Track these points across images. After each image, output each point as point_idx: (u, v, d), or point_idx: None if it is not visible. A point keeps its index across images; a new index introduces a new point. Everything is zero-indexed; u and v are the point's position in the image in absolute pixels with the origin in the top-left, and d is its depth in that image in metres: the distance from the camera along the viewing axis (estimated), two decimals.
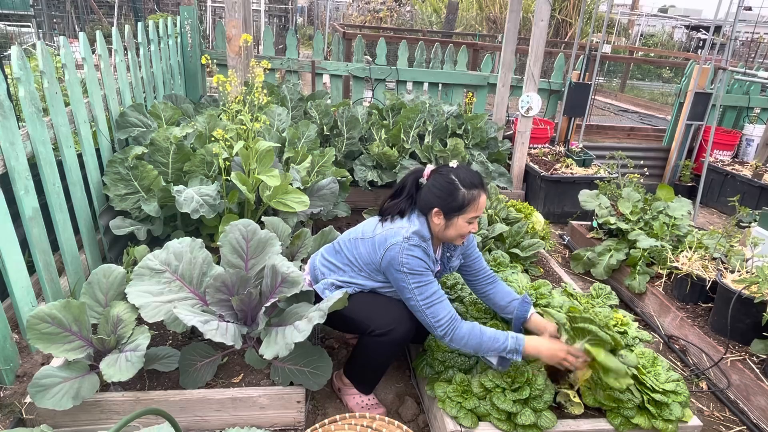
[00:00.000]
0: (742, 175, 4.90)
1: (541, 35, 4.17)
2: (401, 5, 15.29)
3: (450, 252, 2.09)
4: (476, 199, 1.85)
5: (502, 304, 2.11)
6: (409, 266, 1.81)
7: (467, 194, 1.84)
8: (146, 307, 1.89)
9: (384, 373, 2.08)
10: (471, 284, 2.20)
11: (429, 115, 4.25)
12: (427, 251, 1.86)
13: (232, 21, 3.88)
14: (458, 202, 1.84)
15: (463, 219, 1.87)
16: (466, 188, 1.84)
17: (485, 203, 1.90)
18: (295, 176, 2.89)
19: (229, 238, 2.11)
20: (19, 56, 2.02)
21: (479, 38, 11.08)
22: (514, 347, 1.81)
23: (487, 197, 1.89)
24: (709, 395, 2.45)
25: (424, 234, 1.87)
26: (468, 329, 1.83)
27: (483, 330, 1.84)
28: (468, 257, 2.14)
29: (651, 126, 7.08)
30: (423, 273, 1.83)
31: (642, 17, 18.53)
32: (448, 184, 1.86)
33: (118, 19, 10.63)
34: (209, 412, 1.92)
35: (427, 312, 1.82)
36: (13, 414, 1.93)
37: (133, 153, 2.70)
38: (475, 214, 1.87)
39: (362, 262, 1.96)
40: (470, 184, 1.85)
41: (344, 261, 2.02)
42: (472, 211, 1.86)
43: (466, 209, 1.85)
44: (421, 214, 1.93)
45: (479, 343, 1.82)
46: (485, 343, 1.81)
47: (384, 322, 1.89)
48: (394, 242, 1.83)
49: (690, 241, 3.09)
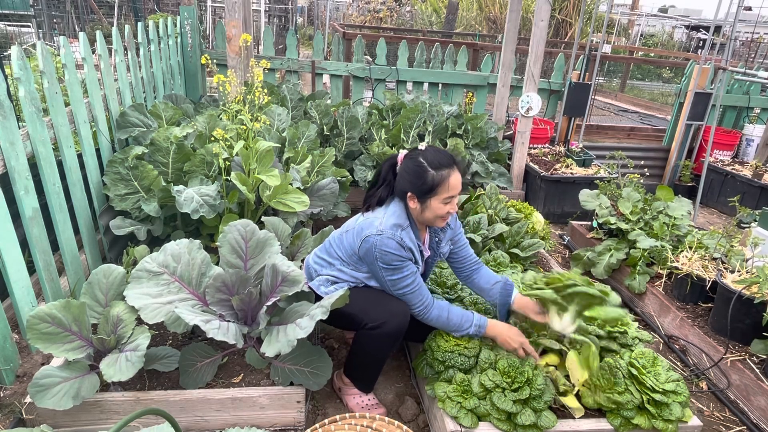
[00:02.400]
0: (742, 175, 4.90)
1: (541, 35, 4.17)
2: (401, 5, 15.29)
3: (438, 237, 2.12)
4: (446, 179, 1.85)
5: (486, 287, 2.18)
6: (383, 260, 1.87)
7: (436, 175, 1.84)
8: (146, 309, 1.89)
9: (381, 369, 2.08)
10: (457, 271, 2.26)
11: (429, 115, 4.25)
12: (403, 242, 1.87)
13: (232, 21, 3.88)
14: (428, 184, 1.85)
15: (436, 200, 1.88)
16: (434, 169, 1.85)
17: (459, 181, 1.89)
18: (295, 176, 2.89)
19: (228, 239, 2.11)
20: (19, 56, 2.02)
21: (479, 38, 11.08)
22: (476, 333, 2.00)
23: (462, 174, 1.92)
24: (709, 395, 2.45)
25: (401, 222, 1.90)
26: (436, 316, 1.97)
27: (450, 317, 1.98)
28: (456, 243, 2.18)
29: (651, 126, 7.08)
30: (396, 267, 1.87)
31: (642, 17, 18.52)
32: (416, 167, 1.87)
33: (118, 19, 10.63)
34: (209, 412, 1.92)
35: (406, 297, 1.95)
36: (13, 414, 1.93)
37: (134, 153, 2.70)
38: (447, 194, 1.87)
39: (347, 254, 2.00)
40: (438, 165, 1.85)
41: (333, 255, 2.06)
42: (443, 191, 1.86)
43: (437, 190, 1.86)
44: (399, 200, 1.96)
45: (445, 326, 2.00)
46: (451, 328, 1.99)
47: (377, 315, 1.91)
48: (368, 234, 1.87)
49: (690, 241, 3.09)
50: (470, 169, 4.31)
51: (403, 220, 1.92)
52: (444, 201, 1.88)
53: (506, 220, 3.21)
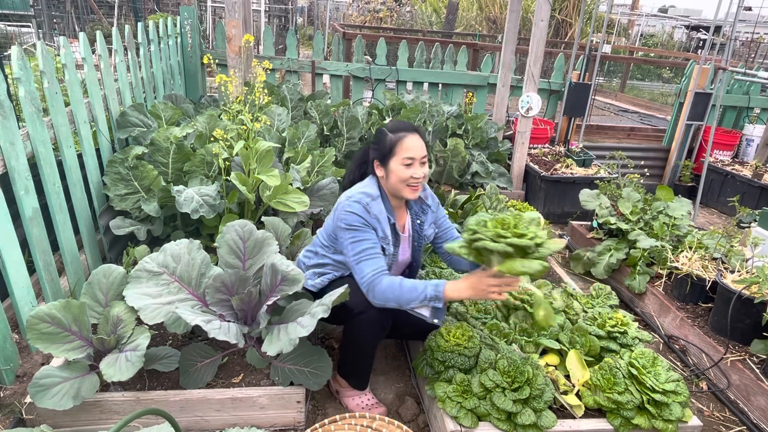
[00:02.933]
0: (742, 175, 4.90)
1: (541, 35, 4.17)
2: (401, 5, 15.29)
3: (420, 219, 2.16)
4: (402, 139, 1.93)
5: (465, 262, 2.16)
6: (346, 221, 1.91)
7: (393, 137, 1.94)
8: (145, 309, 1.89)
9: (371, 363, 2.10)
10: (443, 255, 2.31)
11: (429, 115, 4.25)
12: (369, 207, 1.93)
13: (232, 21, 3.88)
14: (387, 146, 1.95)
15: (396, 162, 1.93)
16: (392, 133, 1.96)
17: (418, 144, 1.94)
18: (295, 176, 2.89)
19: (226, 239, 2.11)
20: (19, 56, 2.02)
21: (479, 38, 11.08)
22: (434, 294, 1.80)
23: (423, 140, 1.99)
24: (709, 395, 2.45)
25: (371, 192, 1.98)
26: (387, 283, 1.84)
27: (402, 283, 1.84)
28: (440, 227, 2.23)
29: (651, 126, 7.08)
30: (358, 228, 1.90)
31: (642, 17, 18.52)
32: (378, 134, 2.02)
33: (118, 19, 10.63)
34: (209, 412, 1.92)
35: (356, 268, 1.89)
36: (13, 414, 1.93)
37: (133, 153, 2.70)
38: (405, 154, 1.92)
39: (327, 235, 2.07)
40: (396, 129, 1.97)
41: (317, 243, 2.14)
42: (401, 151, 1.92)
43: (395, 151, 1.93)
44: (373, 175, 2.06)
45: (399, 295, 1.82)
46: (405, 294, 1.82)
47: (359, 300, 1.91)
48: (339, 202, 1.98)
49: (690, 241, 3.09)
50: (470, 169, 4.31)
51: (374, 191, 2.00)
52: (404, 163, 1.92)
53: None
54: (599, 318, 2.34)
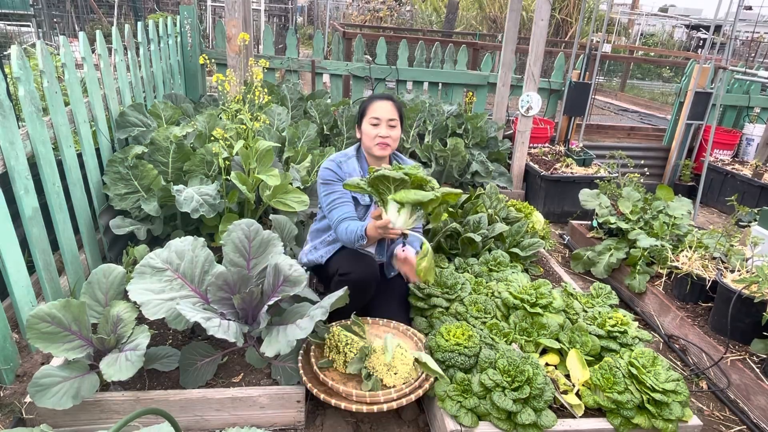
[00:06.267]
0: (742, 174, 4.90)
1: (541, 35, 4.16)
2: (401, 5, 15.29)
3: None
4: (373, 103, 2.26)
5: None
6: (322, 177, 2.26)
7: (367, 101, 2.29)
8: (147, 305, 1.89)
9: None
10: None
11: (429, 114, 4.25)
12: (341, 164, 2.26)
13: (232, 20, 3.88)
14: (361, 110, 2.30)
15: (366, 122, 2.26)
16: (369, 100, 2.30)
17: (385, 107, 2.24)
18: (295, 176, 2.89)
19: (232, 237, 2.11)
20: (18, 56, 2.02)
21: (479, 38, 11.08)
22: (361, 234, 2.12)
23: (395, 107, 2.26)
24: (709, 395, 2.45)
25: (347, 152, 2.34)
26: (343, 227, 2.18)
27: (348, 227, 2.16)
28: None
29: (651, 125, 7.07)
30: (330, 182, 2.24)
31: (642, 16, 18.52)
32: (361, 103, 2.35)
33: (118, 18, 10.63)
34: (209, 411, 1.92)
35: (329, 216, 2.24)
36: (13, 414, 1.93)
37: (133, 152, 2.70)
38: (373, 114, 2.23)
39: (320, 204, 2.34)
40: (373, 98, 2.29)
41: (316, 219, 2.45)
42: (370, 112, 2.25)
43: (366, 112, 2.26)
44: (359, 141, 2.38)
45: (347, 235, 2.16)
46: (350, 235, 2.14)
47: (346, 265, 2.20)
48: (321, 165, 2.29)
49: (690, 241, 3.09)
50: (470, 168, 4.31)
51: (351, 152, 2.34)
52: (371, 123, 2.23)
53: (506, 219, 3.21)
54: (599, 317, 2.34)
